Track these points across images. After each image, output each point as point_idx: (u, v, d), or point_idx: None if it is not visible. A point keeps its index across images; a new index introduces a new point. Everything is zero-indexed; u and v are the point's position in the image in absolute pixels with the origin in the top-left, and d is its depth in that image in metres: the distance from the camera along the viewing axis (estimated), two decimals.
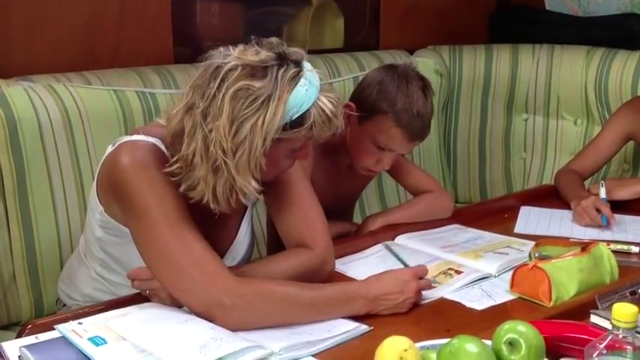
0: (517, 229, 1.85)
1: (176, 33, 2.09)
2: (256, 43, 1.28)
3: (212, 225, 1.45)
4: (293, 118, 1.25)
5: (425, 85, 1.71)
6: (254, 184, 1.26)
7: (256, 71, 1.23)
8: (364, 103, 1.70)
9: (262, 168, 1.27)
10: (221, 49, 1.28)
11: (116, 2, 1.98)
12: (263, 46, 1.27)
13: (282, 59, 1.26)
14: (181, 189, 1.29)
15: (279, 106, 1.23)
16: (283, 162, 1.35)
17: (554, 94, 2.56)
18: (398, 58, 2.40)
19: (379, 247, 1.70)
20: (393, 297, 1.34)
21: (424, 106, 1.68)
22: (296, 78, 1.25)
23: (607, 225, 1.82)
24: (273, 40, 1.29)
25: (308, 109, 1.26)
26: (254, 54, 1.25)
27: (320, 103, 1.27)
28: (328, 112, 1.27)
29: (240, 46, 1.28)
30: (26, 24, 1.84)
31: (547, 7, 2.77)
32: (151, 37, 2.05)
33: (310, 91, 1.26)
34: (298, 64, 1.27)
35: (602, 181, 1.95)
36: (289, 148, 1.32)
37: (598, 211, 1.83)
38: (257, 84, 1.22)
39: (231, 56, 1.25)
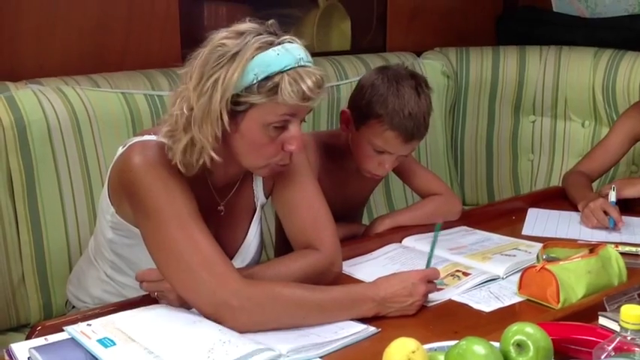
0: (525, 231, 1.85)
1: (184, 36, 2.10)
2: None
3: (222, 226, 1.45)
4: (259, 79, 1.23)
5: (418, 84, 1.69)
6: (209, 137, 1.25)
7: (235, 34, 1.26)
8: (358, 108, 1.70)
9: (238, 143, 1.28)
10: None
11: (124, 6, 2.00)
12: (258, 23, 1.29)
13: (263, 31, 1.27)
14: (173, 161, 1.29)
15: (242, 63, 1.22)
16: (266, 144, 1.30)
17: (562, 96, 2.55)
18: (405, 60, 2.40)
19: (387, 248, 1.70)
20: (401, 299, 1.34)
21: (417, 105, 1.66)
22: (269, 43, 1.25)
23: (614, 227, 1.81)
24: (271, 21, 1.30)
25: (278, 74, 1.23)
26: (242, 24, 1.28)
27: (294, 74, 1.24)
28: (301, 83, 1.24)
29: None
30: (35, 28, 1.86)
31: (554, 9, 2.77)
32: (159, 40, 2.06)
33: (283, 56, 1.24)
34: (278, 36, 1.27)
35: (614, 185, 1.94)
36: (264, 122, 1.27)
37: (606, 213, 1.83)
38: (229, 42, 1.24)
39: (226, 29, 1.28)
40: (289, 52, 1.25)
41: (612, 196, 1.89)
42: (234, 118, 1.26)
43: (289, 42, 1.26)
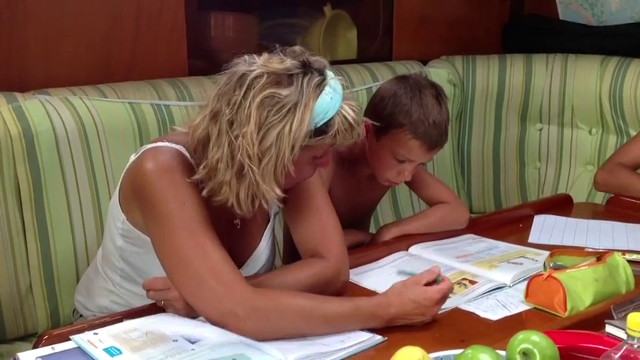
0: (531, 239, 1.84)
1: (190, 46, 2.10)
2: (280, 51, 1.30)
3: (234, 234, 1.46)
4: (318, 126, 1.26)
5: (438, 93, 1.72)
6: (278, 191, 1.27)
7: (282, 79, 1.25)
8: (379, 118, 1.70)
9: (289, 175, 1.28)
10: (246, 57, 1.29)
11: (131, 16, 2.01)
12: (287, 55, 1.29)
13: (306, 67, 1.27)
14: (204, 193, 1.30)
15: (306, 114, 1.24)
16: (305, 169, 1.36)
17: (569, 104, 2.55)
18: (411, 68, 2.40)
19: (394, 256, 1.70)
20: (411, 317, 1.32)
21: (439, 113, 1.68)
22: (321, 86, 1.26)
23: None
24: (297, 48, 1.30)
25: (332, 117, 1.26)
26: (279, 62, 1.27)
27: (343, 112, 1.27)
28: (351, 120, 1.28)
29: (265, 55, 1.29)
30: (43, 38, 1.87)
31: (560, 17, 2.77)
32: (165, 50, 2.07)
33: (335, 99, 1.27)
34: (322, 72, 1.28)
35: None
36: (312, 156, 1.33)
37: None
38: (283, 92, 1.24)
39: (257, 64, 1.27)
40: (336, 92, 1.28)
41: None
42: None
43: (332, 79, 1.29)
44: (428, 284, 1.35)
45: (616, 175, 2.10)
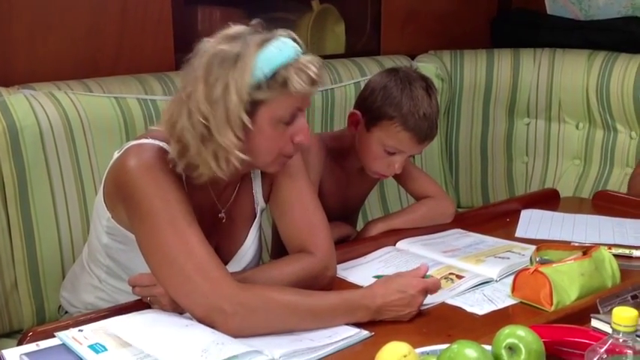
0: (518, 234, 1.84)
1: (177, 40, 2.09)
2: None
3: (220, 230, 1.45)
4: (268, 76, 1.25)
5: (428, 85, 1.72)
6: (235, 141, 1.26)
7: (228, 38, 1.28)
8: (370, 110, 1.70)
9: (255, 142, 1.28)
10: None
11: (117, 10, 1.99)
12: (245, 25, 1.31)
13: (257, 28, 1.30)
14: (179, 168, 1.31)
15: (249, 61, 1.25)
16: (277, 138, 1.32)
17: (556, 98, 2.56)
18: (399, 63, 2.40)
19: (381, 251, 1.70)
20: (397, 309, 1.32)
21: (429, 106, 1.69)
22: (268, 39, 1.27)
23: None
24: (257, 21, 1.32)
25: (284, 68, 1.26)
26: (230, 29, 1.30)
27: (299, 64, 1.27)
28: (310, 73, 1.27)
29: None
30: (28, 32, 1.85)
31: (548, 11, 2.77)
32: (152, 44, 2.06)
33: (284, 51, 1.27)
34: (272, 32, 1.30)
35: None
36: (276, 117, 1.30)
37: None
38: (227, 46, 1.26)
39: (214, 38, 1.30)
40: (287, 45, 1.28)
41: None
42: (250, 118, 1.28)
43: (283, 36, 1.29)
44: None
45: None
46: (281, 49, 1.27)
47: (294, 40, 1.31)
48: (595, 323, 1.23)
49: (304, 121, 1.34)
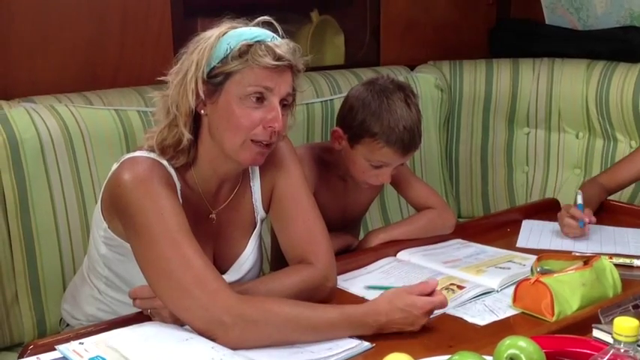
0: (519, 244, 1.84)
1: (177, 52, 2.08)
2: None
3: (219, 240, 1.45)
4: (232, 47, 1.28)
5: (406, 95, 1.69)
6: (192, 100, 1.29)
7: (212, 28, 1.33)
8: (350, 128, 1.69)
9: (221, 118, 1.31)
10: None
11: (117, 22, 2.00)
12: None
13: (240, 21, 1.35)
14: (179, 162, 1.35)
15: (216, 36, 1.30)
16: (243, 116, 1.30)
17: (556, 108, 2.56)
18: (398, 73, 2.40)
19: (382, 262, 1.70)
20: (399, 326, 1.31)
21: (410, 117, 1.67)
22: (244, 23, 1.33)
23: (583, 226, 1.81)
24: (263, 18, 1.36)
25: (250, 43, 1.29)
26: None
27: (267, 42, 1.30)
28: (274, 48, 1.29)
29: None
30: (28, 46, 1.86)
31: (547, 21, 2.78)
32: (152, 57, 2.06)
33: (256, 30, 1.32)
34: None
35: (579, 190, 1.93)
36: (240, 92, 1.30)
37: (575, 219, 1.82)
38: (206, 32, 1.32)
39: None
40: (262, 29, 1.33)
41: (579, 199, 1.87)
42: (212, 95, 1.31)
43: (265, 22, 1.34)
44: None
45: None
46: (252, 29, 1.31)
47: (275, 30, 1.34)
48: (596, 333, 1.22)
49: (275, 106, 1.31)
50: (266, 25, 1.35)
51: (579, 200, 1.88)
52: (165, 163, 1.35)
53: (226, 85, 1.30)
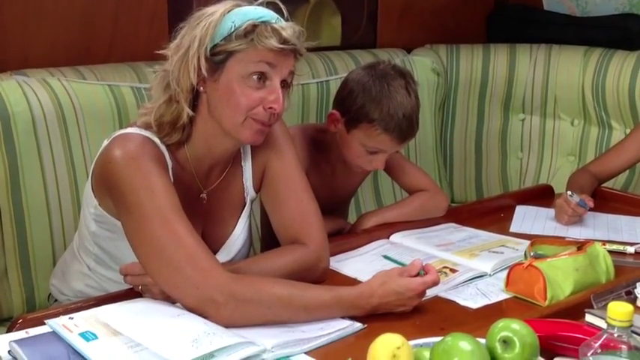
0: (513, 229, 1.84)
1: (172, 28, 2.04)
2: None
3: (208, 218, 1.44)
4: (237, 26, 1.27)
5: (407, 82, 1.68)
6: (185, 92, 1.29)
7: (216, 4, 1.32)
8: (349, 112, 1.68)
9: (222, 96, 1.30)
10: None
11: None
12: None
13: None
14: (163, 137, 1.33)
15: (220, 13, 1.28)
16: (244, 95, 1.30)
17: (552, 95, 2.55)
18: (395, 56, 2.39)
19: (375, 244, 1.69)
20: (391, 307, 1.30)
21: (409, 104, 1.66)
22: (248, 3, 1.31)
23: (585, 207, 1.81)
24: None
25: (255, 23, 1.27)
26: None
27: (271, 25, 1.28)
28: (279, 29, 1.28)
29: None
30: (21, 18, 1.84)
31: (545, 7, 2.77)
32: (146, 32, 2.04)
33: (261, 10, 1.30)
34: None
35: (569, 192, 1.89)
36: (243, 71, 1.29)
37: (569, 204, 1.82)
38: (208, 8, 1.30)
39: None
40: (267, 10, 1.31)
41: (575, 199, 1.84)
42: (213, 72, 1.29)
43: (270, 2, 1.33)
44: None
45: (569, 179, 2.08)
46: (257, 8, 1.30)
47: (280, 12, 1.32)
48: (589, 318, 1.22)
49: (277, 87, 1.31)
50: (270, 5, 1.34)
51: (576, 199, 1.85)
52: (157, 140, 1.33)
53: (228, 64, 1.28)
